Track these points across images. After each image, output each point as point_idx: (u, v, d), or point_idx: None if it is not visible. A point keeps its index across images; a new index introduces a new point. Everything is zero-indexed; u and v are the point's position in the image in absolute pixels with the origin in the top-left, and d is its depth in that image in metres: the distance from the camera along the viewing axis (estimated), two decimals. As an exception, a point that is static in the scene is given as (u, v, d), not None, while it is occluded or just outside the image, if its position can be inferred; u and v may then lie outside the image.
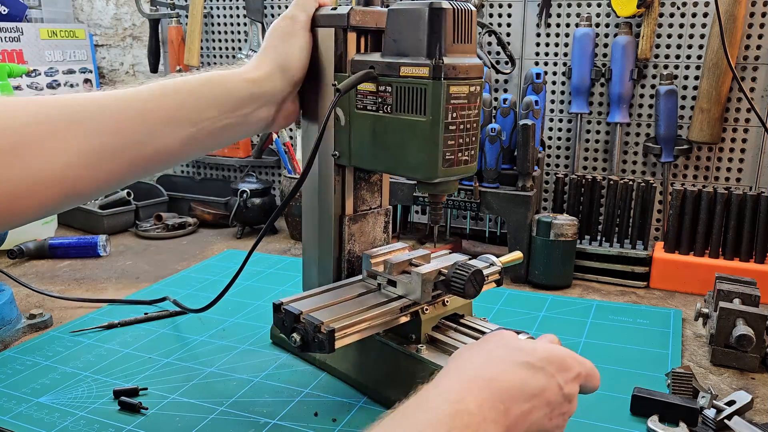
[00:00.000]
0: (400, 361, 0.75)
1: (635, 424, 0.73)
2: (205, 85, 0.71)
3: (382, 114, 0.72)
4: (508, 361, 0.57)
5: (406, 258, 0.79)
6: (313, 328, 0.66)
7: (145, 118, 0.66)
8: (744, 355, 0.87)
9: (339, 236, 0.82)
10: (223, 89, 0.71)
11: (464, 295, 0.72)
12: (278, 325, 0.71)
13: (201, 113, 0.70)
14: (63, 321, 1.01)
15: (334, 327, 0.66)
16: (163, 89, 0.69)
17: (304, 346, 0.68)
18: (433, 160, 0.68)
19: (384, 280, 0.78)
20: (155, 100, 0.68)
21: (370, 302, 0.74)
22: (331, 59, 0.75)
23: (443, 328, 0.77)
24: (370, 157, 0.75)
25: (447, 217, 1.42)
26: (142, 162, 0.67)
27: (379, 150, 0.73)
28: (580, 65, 1.32)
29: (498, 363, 0.56)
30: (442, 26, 0.65)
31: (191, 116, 0.69)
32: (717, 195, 1.13)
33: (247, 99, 0.72)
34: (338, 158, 0.78)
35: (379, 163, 0.75)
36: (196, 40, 1.64)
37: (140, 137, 0.66)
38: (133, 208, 1.54)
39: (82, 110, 0.64)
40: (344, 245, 0.82)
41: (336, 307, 0.72)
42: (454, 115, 0.67)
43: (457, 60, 0.67)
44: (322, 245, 0.84)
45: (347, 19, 0.73)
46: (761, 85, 1.25)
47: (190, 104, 0.69)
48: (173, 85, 0.70)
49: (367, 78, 0.71)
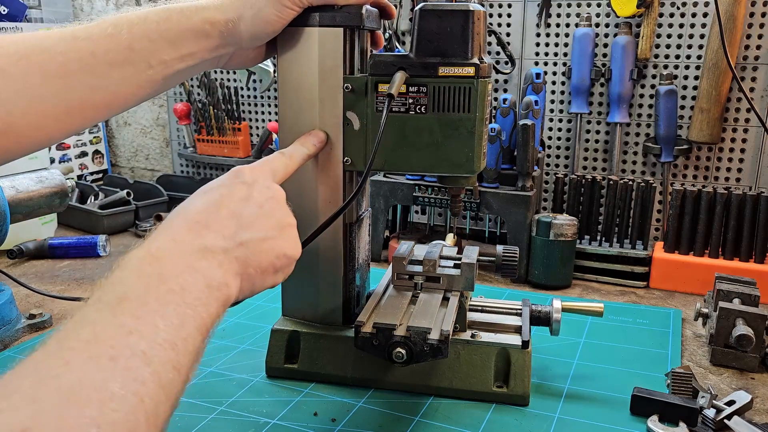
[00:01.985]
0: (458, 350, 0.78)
1: (635, 424, 0.73)
2: (162, 23, 0.64)
3: (415, 114, 0.72)
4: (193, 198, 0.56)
5: (435, 254, 0.82)
6: (422, 338, 0.68)
7: (96, 60, 0.61)
8: (744, 355, 0.87)
9: (349, 244, 0.80)
10: (182, 30, 0.65)
11: (512, 275, 0.85)
12: (366, 348, 0.70)
13: (158, 54, 0.64)
14: (63, 321, 1.00)
15: (448, 330, 0.69)
16: (116, 27, 0.63)
17: (408, 359, 0.68)
18: (478, 155, 0.71)
19: (422, 278, 0.80)
20: (106, 40, 0.62)
21: (433, 301, 0.77)
22: (339, 60, 0.73)
23: None
24: (399, 159, 0.74)
25: (447, 217, 1.43)
26: (93, 108, 0.63)
27: (412, 151, 0.73)
28: (580, 65, 1.32)
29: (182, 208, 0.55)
30: (481, 27, 0.69)
31: (147, 58, 0.64)
32: (717, 195, 1.13)
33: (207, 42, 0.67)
34: (349, 164, 0.76)
35: (410, 164, 0.74)
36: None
37: (90, 81, 0.61)
38: (133, 208, 1.54)
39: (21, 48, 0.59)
40: (355, 252, 0.81)
41: (413, 313, 0.74)
42: (486, 112, 0.72)
43: (485, 59, 0.71)
44: (328, 254, 0.80)
45: (361, 19, 0.71)
46: (761, 85, 1.25)
47: (146, 45, 0.63)
48: (127, 23, 0.63)
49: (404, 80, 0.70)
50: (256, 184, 0.58)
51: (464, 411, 0.76)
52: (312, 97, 0.75)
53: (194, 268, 0.48)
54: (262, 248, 0.55)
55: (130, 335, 0.40)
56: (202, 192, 0.57)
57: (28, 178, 1.13)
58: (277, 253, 0.57)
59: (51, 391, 0.34)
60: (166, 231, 0.51)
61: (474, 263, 0.80)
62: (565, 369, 0.86)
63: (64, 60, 0.60)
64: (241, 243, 0.54)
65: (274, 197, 0.59)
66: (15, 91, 0.58)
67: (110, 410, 0.35)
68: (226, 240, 0.52)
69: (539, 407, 0.76)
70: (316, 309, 0.83)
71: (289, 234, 0.59)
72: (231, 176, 0.58)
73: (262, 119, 1.71)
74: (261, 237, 0.55)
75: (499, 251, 0.84)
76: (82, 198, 1.65)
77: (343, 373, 0.81)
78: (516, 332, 0.80)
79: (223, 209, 0.54)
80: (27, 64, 0.59)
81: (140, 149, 1.93)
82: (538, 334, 0.85)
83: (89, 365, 0.37)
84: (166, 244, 0.50)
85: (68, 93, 0.61)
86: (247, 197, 0.56)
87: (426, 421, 0.73)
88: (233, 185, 0.57)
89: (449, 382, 0.78)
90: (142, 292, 0.44)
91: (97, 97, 0.63)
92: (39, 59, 0.59)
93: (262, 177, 0.60)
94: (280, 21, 0.68)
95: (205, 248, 0.51)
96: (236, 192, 0.56)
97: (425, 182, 1.27)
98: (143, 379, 0.38)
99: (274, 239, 0.57)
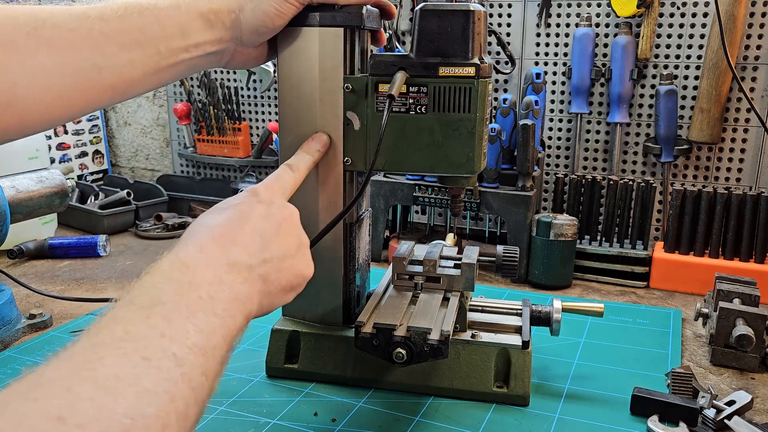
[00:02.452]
0: (458, 350, 0.78)
1: (635, 424, 0.73)
2: (171, 9, 0.64)
3: (415, 114, 0.72)
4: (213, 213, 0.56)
5: (435, 254, 0.82)
6: (422, 338, 0.68)
7: (106, 40, 0.61)
8: (744, 355, 0.87)
9: (349, 244, 0.80)
10: (191, 17, 0.65)
11: (512, 275, 0.85)
12: (366, 348, 0.70)
13: (167, 41, 0.64)
14: (63, 321, 1.01)
15: (448, 330, 0.69)
16: (127, 9, 0.62)
17: (409, 360, 0.68)
18: (478, 155, 0.71)
19: (422, 278, 0.80)
20: (117, 21, 0.61)
21: (433, 302, 0.77)
22: (339, 60, 0.73)
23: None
24: (399, 159, 0.74)
25: (447, 217, 1.42)
26: (96, 90, 0.62)
27: (412, 151, 0.73)
28: (580, 65, 1.32)
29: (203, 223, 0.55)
30: (481, 27, 0.69)
31: (156, 43, 0.63)
32: (717, 195, 1.13)
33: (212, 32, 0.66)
34: (350, 164, 0.76)
35: (410, 164, 0.74)
36: (196, 40, 1.64)
37: (98, 60, 0.60)
38: (133, 208, 1.54)
39: (31, 21, 0.58)
40: (355, 252, 0.81)
41: (414, 313, 0.74)
42: (486, 112, 0.72)
43: (486, 59, 0.71)
44: (329, 254, 0.80)
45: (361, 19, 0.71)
46: (761, 85, 1.25)
47: (156, 30, 0.63)
48: (138, 6, 0.63)
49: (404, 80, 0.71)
50: (273, 205, 0.59)
51: (464, 411, 0.76)
52: (312, 97, 0.75)
53: (222, 281, 0.50)
54: (282, 267, 0.57)
55: (162, 337, 0.41)
56: (220, 209, 0.57)
57: (29, 178, 1.13)
58: (295, 272, 0.59)
59: (86, 383, 0.35)
60: (192, 240, 0.52)
61: (474, 263, 0.80)
62: (566, 369, 0.86)
63: (73, 37, 0.59)
64: (264, 260, 0.55)
65: (290, 217, 0.60)
66: (21, 62, 0.57)
67: (144, 404, 0.36)
68: (251, 257, 0.53)
69: (539, 407, 0.76)
70: (317, 309, 0.83)
71: (304, 253, 0.61)
72: (248, 195, 0.59)
73: (262, 119, 1.71)
74: (281, 255, 0.57)
75: (499, 251, 0.84)
76: (82, 198, 1.65)
77: (343, 373, 0.81)
78: (516, 332, 0.80)
79: (246, 226, 0.55)
80: (36, 37, 0.58)
81: (140, 149, 1.93)
82: (538, 335, 0.85)
83: (123, 361, 0.37)
84: (193, 253, 0.50)
85: (74, 70, 0.60)
86: (267, 216, 0.57)
87: (426, 421, 0.73)
88: (252, 204, 0.57)
89: (449, 383, 0.78)
90: (174, 297, 0.45)
91: (103, 78, 0.62)
92: (49, 34, 0.58)
93: (277, 197, 0.61)
94: (279, 16, 0.68)
95: (232, 263, 0.52)
96: (256, 211, 0.57)
97: (425, 182, 1.27)
98: (175, 379, 0.39)
99: (293, 258, 0.58)
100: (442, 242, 0.90)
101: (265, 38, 0.70)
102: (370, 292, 0.85)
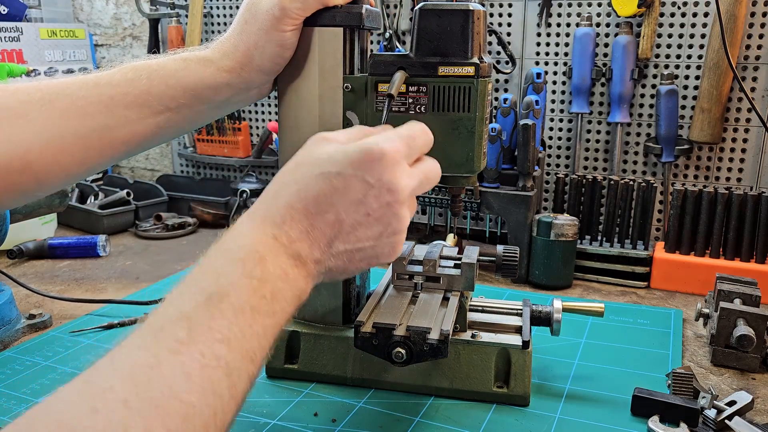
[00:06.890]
0: (459, 350, 0.78)
1: (636, 425, 0.73)
2: (180, 71, 0.67)
3: (415, 114, 0.71)
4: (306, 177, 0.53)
5: (435, 254, 0.82)
6: (421, 337, 0.67)
7: (114, 103, 0.64)
8: (744, 355, 0.87)
9: None
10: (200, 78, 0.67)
11: (512, 275, 0.85)
12: (366, 348, 0.70)
13: (176, 99, 0.67)
14: (63, 321, 1.01)
15: (448, 330, 0.68)
16: (136, 72, 0.66)
17: (408, 359, 0.68)
18: (478, 155, 0.71)
19: (422, 278, 0.80)
20: (125, 84, 0.65)
21: (433, 301, 0.77)
22: (339, 60, 0.73)
23: None
24: None
25: (447, 217, 1.42)
26: (110, 147, 0.65)
27: None
28: (581, 65, 1.32)
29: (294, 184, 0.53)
30: (481, 27, 0.69)
31: (165, 102, 0.66)
32: (718, 195, 1.13)
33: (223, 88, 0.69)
34: None
35: None
36: (195, 40, 1.64)
37: (108, 122, 0.64)
38: (133, 208, 1.54)
39: (46, 95, 0.62)
40: None
41: (413, 313, 0.74)
42: (486, 111, 0.72)
43: (486, 59, 0.71)
44: None
45: (361, 18, 0.71)
46: (762, 85, 1.24)
47: (163, 90, 0.66)
48: (147, 69, 0.66)
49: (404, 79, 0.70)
50: (375, 188, 0.53)
51: (464, 411, 0.75)
52: (312, 97, 0.74)
53: (287, 276, 0.50)
54: (353, 258, 0.55)
55: (220, 343, 0.43)
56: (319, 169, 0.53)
57: (28, 177, 1.12)
58: (369, 261, 0.56)
59: (142, 398, 0.38)
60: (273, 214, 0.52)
61: (474, 263, 0.80)
62: (566, 369, 0.86)
63: (84, 104, 0.63)
64: (334, 255, 0.53)
65: (390, 204, 0.54)
66: (34, 132, 0.61)
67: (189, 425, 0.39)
68: (321, 252, 0.53)
69: (540, 408, 0.76)
70: (316, 309, 0.82)
71: (391, 240, 0.55)
72: (358, 162, 0.52)
73: (262, 119, 1.71)
74: (355, 249, 0.54)
75: (499, 251, 0.84)
76: (82, 198, 1.65)
77: (343, 373, 0.81)
78: (516, 332, 0.80)
79: (330, 212, 0.52)
80: (50, 108, 0.62)
81: (140, 149, 1.93)
82: (538, 335, 0.85)
83: (177, 371, 0.40)
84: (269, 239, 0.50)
85: (86, 132, 0.64)
86: (360, 202, 0.53)
87: (426, 421, 0.73)
88: (353, 179, 0.52)
89: (449, 383, 0.78)
90: (242, 296, 0.46)
91: (115, 136, 0.65)
92: (61, 104, 0.63)
93: (390, 177, 0.53)
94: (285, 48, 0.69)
95: (299, 256, 0.51)
96: (351, 191, 0.52)
97: (425, 182, 1.26)
98: (221, 392, 0.41)
99: (370, 248, 0.55)
100: (443, 242, 0.90)
101: (278, 72, 0.72)
102: (370, 292, 0.85)
